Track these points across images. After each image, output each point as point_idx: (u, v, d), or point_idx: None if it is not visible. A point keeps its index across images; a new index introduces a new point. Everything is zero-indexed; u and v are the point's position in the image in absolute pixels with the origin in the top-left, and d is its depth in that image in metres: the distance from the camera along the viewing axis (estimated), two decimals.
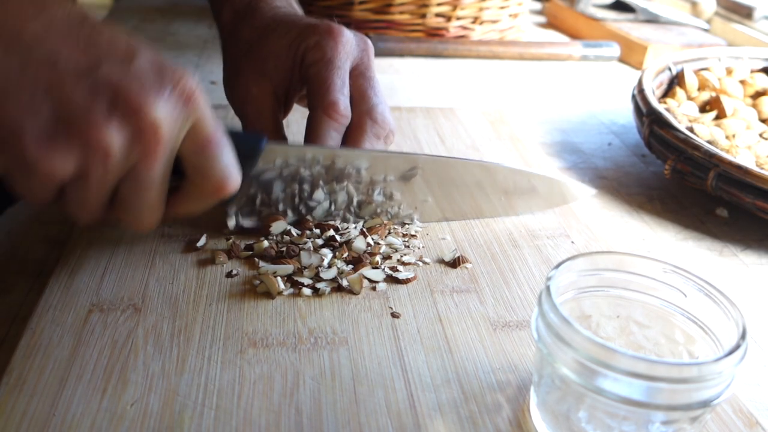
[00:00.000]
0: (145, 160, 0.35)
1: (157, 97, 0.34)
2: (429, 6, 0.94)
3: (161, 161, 0.36)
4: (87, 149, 0.33)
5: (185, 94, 0.35)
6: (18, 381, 0.34)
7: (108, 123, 0.33)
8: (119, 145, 0.34)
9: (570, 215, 0.54)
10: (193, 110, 0.36)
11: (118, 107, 0.33)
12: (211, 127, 0.37)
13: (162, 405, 0.34)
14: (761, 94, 0.72)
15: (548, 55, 0.99)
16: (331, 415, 0.34)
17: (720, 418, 0.35)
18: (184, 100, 0.35)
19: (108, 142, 0.33)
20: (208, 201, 0.40)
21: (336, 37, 0.48)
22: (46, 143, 0.33)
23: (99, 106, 0.33)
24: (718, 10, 1.11)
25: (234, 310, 0.41)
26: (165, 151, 0.35)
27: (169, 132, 0.35)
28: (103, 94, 0.33)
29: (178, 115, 0.35)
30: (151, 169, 0.35)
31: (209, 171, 0.38)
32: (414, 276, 0.45)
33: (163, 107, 0.34)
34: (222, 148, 0.38)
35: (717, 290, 0.33)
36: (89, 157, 0.33)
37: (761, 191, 0.52)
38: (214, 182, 0.38)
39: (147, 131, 0.34)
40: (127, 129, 0.34)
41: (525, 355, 0.39)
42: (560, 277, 0.33)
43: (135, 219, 0.38)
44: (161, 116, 0.34)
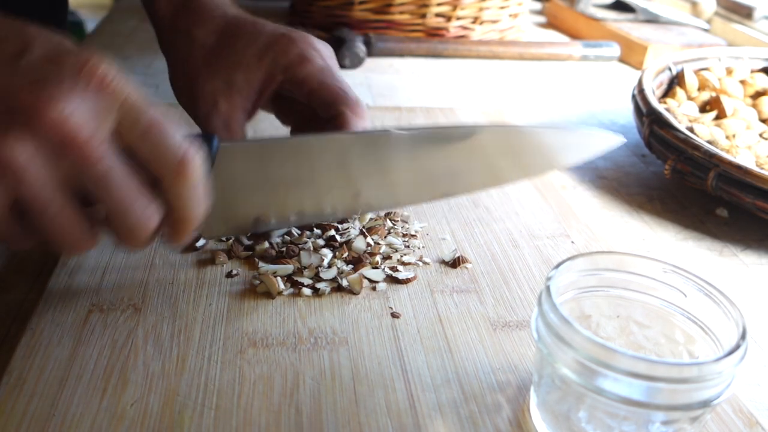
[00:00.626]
0: (78, 157, 0.30)
1: (54, 90, 0.29)
2: (429, 6, 0.94)
3: (96, 151, 0.30)
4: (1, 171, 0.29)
5: (96, 79, 0.30)
6: (18, 381, 0.34)
7: (4, 136, 0.28)
8: (29, 155, 0.29)
9: (570, 215, 0.54)
10: (113, 95, 0.31)
11: (11, 114, 0.29)
12: (145, 108, 0.32)
13: (162, 405, 0.34)
14: (761, 94, 0.72)
15: (548, 55, 0.99)
16: (331, 415, 0.34)
17: (720, 418, 0.35)
18: (96, 85, 0.30)
19: (11, 157, 0.28)
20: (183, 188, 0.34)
21: (314, 44, 0.48)
22: None
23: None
24: (718, 10, 1.11)
25: (234, 310, 0.41)
26: (94, 140, 0.30)
27: (83, 125, 0.30)
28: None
29: (92, 103, 0.30)
30: (91, 161, 0.30)
31: (163, 156, 0.33)
32: (414, 276, 0.45)
33: (63, 100, 0.29)
34: (164, 126, 0.32)
35: (717, 290, 0.33)
36: (4, 179, 0.29)
37: (761, 191, 0.52)
38: (173, 165, 0.33)
39: (52, 131, 0.29)
40: (30, 135, 0.29)
41: (525, 355, 0.39)
42: (560, 277, 0.33)
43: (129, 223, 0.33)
44: (64, 111, 0.29)
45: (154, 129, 0.32)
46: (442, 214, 0.52)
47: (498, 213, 0.53)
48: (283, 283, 0.43)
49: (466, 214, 0.53)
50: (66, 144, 0.30)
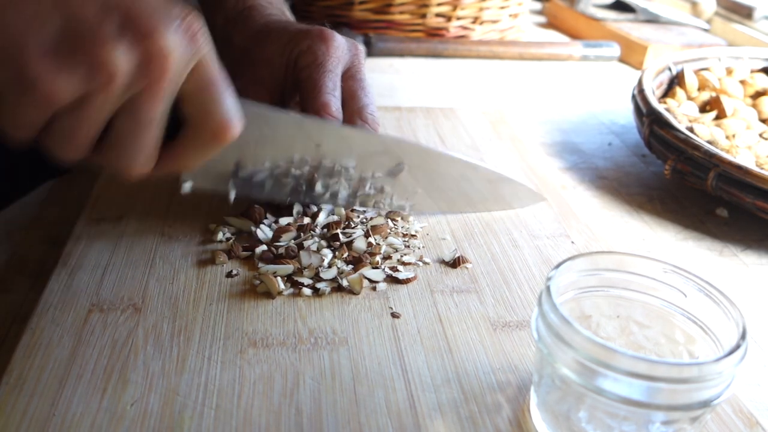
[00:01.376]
0: (149, 91, 0.33)
1: (167, 25, 0.33)
2: (429, 6, 0.94)
3: (165, 94, 0.34)
4: (92, 69, 0.31)
5: (191, 29, 0.34)
6: (18, 381, 0.34)
7: (117, 44, 0.31)
8: (126, 69, 0.32)
9: (570, 215, 0.54)
10: (199, 48, 0.34)
11: (128, 29, 0.32)
12: (216, 67, 0.36)
13: (162, 405, 0.34)
14: (761, 94, 0.72)
15: (548, 55, 0.99)
16: (331, 415, 0.34)
17: (720, 418, 0.35)
18: (191, 35, 0.34)
19: (115, 64, 0.31)
20: (208, 148, 0.38)
21: (327, 42, 0.49)
22: (50, 59, 0.31)
23: (109, 25, 0.31)
24: (718, 10, 1.11)
25: (234, 310, 0.41)
26: (170, 84, 0.34)
27: (177, 63, 0.33)
28: (114, 14, 0.31)
29: (185, 49, 0.34)
30: (155, 101, 0.34)
31: (213, 112, 0.36)
32: (414, 276, 0.45)
33: (173, 37, 0.33)
34: (226, 89, 0.37)
35: (717, 290, 0.33)
36: (93, 78, 0.31)
37: (761, 191, 0.52)
38: (217, 124, 0.36)
39: (156, 58, 0.32)
40: (136, 53, 0.32)
41: (525, 355, 0.39)
42: (560, 277, 0.33)
43: (126, 162, 0.36)
44: (171, 45, 0.33)
45: (214, 87, 0.36)
46: (442, 214, 0.52)
47: (498, 213, 0.53)
48: (283, 283, 0.43)
49: (466, 214, 0.53)
50: (156, 73, 0.33)
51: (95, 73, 0.31)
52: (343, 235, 0.47)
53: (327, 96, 0.47)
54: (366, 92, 0.50)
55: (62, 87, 0.31)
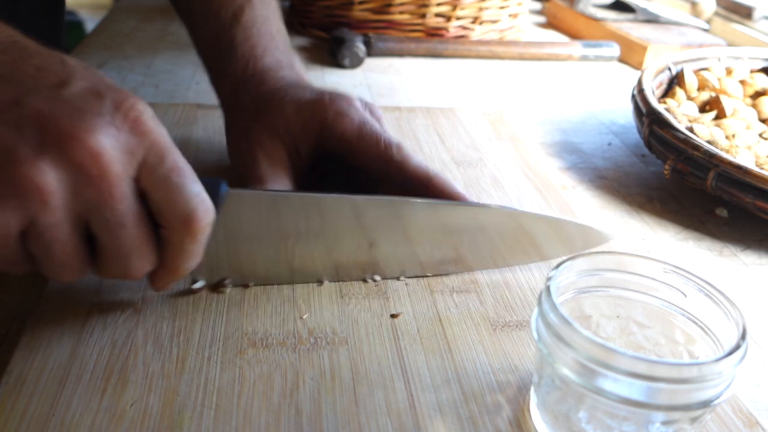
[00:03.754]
0: (99, 195, 0.31)
1: (92, 122, 0.30)
2: (429, 6, 0.94)
3: (119, 193, 0.31)
4: (20, 192, 0.29)
5: (131, 118, 0.31)
6: (18, 381, 0.34)
7: (38, 159, 0.29)
8: (57, 182, 0.29)
9: (570, 215, 0.53)
10: (144, 136, 0.31)
11: (48, 140, 0.29)
12: (170, 153, 0.32)
13: (162, 405, 0.34)
14: (761, 94, 0.72)
15: (548, 55, 0.99)
16: (331, 415, 0.34)
17: (720, 418, 0.35)
18: (130, 125, 0.31)
19: (41, 181, 0.29)
20: (187, 243, 0.34)
21: (353, 103, 0.48)
22: None
23: (25, 142, 0.29)
24: (718, 10, 1.11)
25: (234, 310, 0.41)
26: (118, 179, 0.31)
27: (115, 161, 0.30)
28: (29, 128, 0.29)
29: (124, 141, 0.31)
30: (112, 203, 0.31)
31: (177, 204, 0.33)
32: None
33: (102, 133, 0.30)
34: (186, 174, 0.33)
35: (717, 290, 0.33)
36: (28, 202, 0.29)
37: (761, 191, 0.52)
38: (184, 215, 0.33)
39: (86, 161, 0.30)
40: (62, 162, 0.29)
41: (525, 355, 0.39)
42: (560, 277, 0.33)
43: (122, 267, 0.34)
44: (101, 143, 0.30)
45: (174, 175, 0.32)
46: None
47: None
48: None
49: None
50: (94, 177, 0.30)
51: (24, 196, 0.29)
52: None
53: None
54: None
55: (3, 220, 0.29)
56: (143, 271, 0.35)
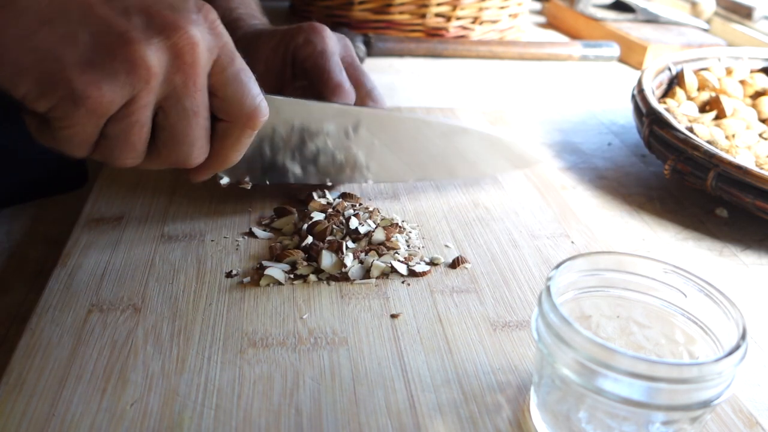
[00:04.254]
0: (186, 80, 0.35)
1: (188, 17, 0.35)
2: (429, 6, 0.94)
3: (200, 81, 0.36)
4: (130, 70, 0.33)
5: (210, 20, 0.36)
6: (18, 381, 0.34)
7: (147, 41, 0.33)
8: (161, 64, 0.34)
9: (570, 215, 0.54)
10: (219, 37, 0.36)
11: (153, 28, 0.34)
12: (237, 56, 0.38)
13: (162, 405, 0.34)
14: (761, 94, 0.72)
15: (548, 55, 0.99)
16: (331, 416, 0.34)
17: (720, 418, 0.35)
18: (209, 25, 0.36)
19: (150, 61, 0.33)
20: (243, 136, 0.40)
21: (321, 32, 0.52)
22: (90, 70, 0.32)
23: (135, 26, 0.33)
24: (717, 10, 1.11)
25: (234, 310, 0.41)
26: (203, 71, 0.36)
27: (204, 50, 0.35)
28: (136, 15, 0.34)
29: (207, 38, 0.36)
30: (193, 91, 0.36)
31: (242, 100, 0.38)
32: (429, 270, 0.45)
33: (197, 27, 0.35)
34: (251, 75, 0.39)
35: (717, 290, 0.33)
36: (134, 79, 0.33)
37: (761, 191, 0.52)
38: (247, 111, 0.38)
39: (186, 48, 0.34)
40: (166, 47, 0.34)
41: (525, 355, 0.39)
42: (560, 277, 0.33)
43: (183, 156, 0.38)
44: (197, 35, 0.35)
45: (240, 76, 0.38)
46: (442, 214, 0.52)
47: (497, 213, 0.53)
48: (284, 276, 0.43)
49: (465, 214, 0.53)
50: (187, 64, 0.35)
51: (134, 73, 0.33)
52: (360, 227, 0.47)
53: (338, 77, 0.50)
54: (367, 77, 0.54)
55: (108, 94, 0.33)
56: (200, 160, 0.39)
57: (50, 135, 0.35)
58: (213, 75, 0.37)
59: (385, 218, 0.50)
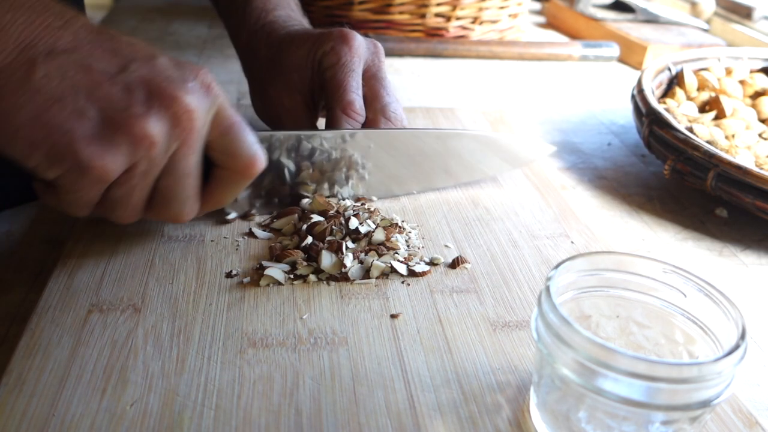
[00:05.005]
0: (184, 146, 0.38)
1: (184, 86, 0.37)
2: (429, 6, 0.94)
3: (197, 145, 0.38)
4: (134, 141, 0.36)
5: (205, 84, 0.38)
6: (18, 381, 0.34)
7: (148, 114, 0.36)
8: (161, 134, 0.36)
9: (570, 215, 0.54)
10: (215, 98, 0.39)
11: (154, 100, 0.36)
12: (232, 111, 0.40)
13: (162, 405, 0.34)
14: (761, 94, 0.72)
15: (548, 55, 0.99)
16: (331, 416, 0.34)
17: (720, 418, 0.35)
18: (205, 89, 0.38)
19: (151, 132, 0.36)
20: (239, 184, 0.42)
21: (349, 42, 0.52)
22: (96, 143, 0.35)
23: (137, 100, 0.36)
24: (717, 10, 1.11)
25: (234, 310, 0.41)
26: (199, 135, 0.38)
27: (201, 116, 0.38)
28: (138, 90, 0.36)
29: (204, 101, 0.38)
30: (189, 154, 0.38)
31: (238, 151, 0.41)
32: (429, 270, 0.45)
33: (191, 95, 0.37)
34: (245, 128, 0.41)
35: (717, 290, 0.33)
36: (136, 149, 0.36)
37: (761, 191, 0.52)
38: (244, 161, 0.41)
39: (183, 117, 0.37)
40: (165, 117, 0.36)
41: (525, 355, 0.39)
42: (560, 277, 0.33)
43: (176, 211, 0.41)
44: (193, 102, 0.37)
45: (234, 128, 0.40)
46: (442, 214, 0.52)
47: (497, 213, 0.53)
48: (284, 276, 0.43)
49: (465, 214, 0.53)
50: (185, 131, 0.37)
51: (137, 145, 0.36)
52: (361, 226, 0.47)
53: (351, 95, 0.50)
54: (387, 90, 0.53)
55: (111, 164, 0.36)
56: (191, 216, 0.42)
57: (56, 198, 0.38)
58: (211, 131, 0.39)
59: (385, 218, 0.50)
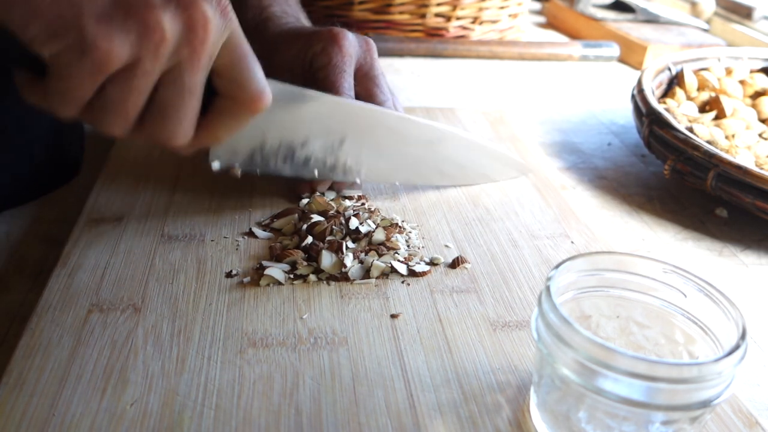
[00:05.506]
0: (191, 57, 0.36)
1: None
2: (429, 6, 0.94)
3: (205, 61, 0.36)
4: (143, 32, 0.34)
5: (222, 4, 0.36)
6: (18, 381, 0.34)
7: (165, 9, 0.34)
8: (173, 34, 0.34)
9: (570, 215, 0.54)
10: (230, 21, 0.37)
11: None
12: (245, 41, 0.38)
13: (162, 405, 0.34)
14: (761, 94, 0.72)
15: (548, 55, 0.99)
16: (331, 415, 0.34)
17: (720, 418, 0.35)
18: (222, 9, 0.36)
19: (164, 27, 0.34)
20: (241, 119, 0.40)
21: (339, 42, 0.51)
22: (104, 24, 0.33)
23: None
24: (717, 10, 1.11)
25: (234, 310, 0.41)
26: (209, 51, 0.36)
27: (215, 32, 0.36)
28: None
29: (221, 20, 0.36)
30: (195, 68, 0.36)
31: (247, 82, 0.39)
32: (429, 270, 0.45)
33: (211, 7, 0.35)
34: (256, 62, 0.39)
35: (717, 290, 0.33)
36: (145, 41, 0.34)
37: (761, 191, 0.52)
38: (252, 94, 0.39)
39: (198, 24, 0.35)
40: (181, 19, 0.34)
41: (525, 355, 0.39)
42: (560, 277, 0.33)
43: (169, 133, 0.38)
44: (211, 14, 0.35)
45: (246, 60, 0.38)
46: (442, 214, 0.52)
47: (498, 213, 0.53)
48: (284, 276, 0.43)
49: (465, 214, 0.53)
50: (197, 40, 0.35)
51: (146, 35, 0.34)
52: (362, 226, 0.47)
53: (344, 96, 0.49)
54: (381, 89, 0.53)
55: (117, 49, 0.33)
56: (184, 140, 0.39)
57: (42, 90, 0.35)
58: (220, 56, 0.37)
59: (385, 218, 0.50)
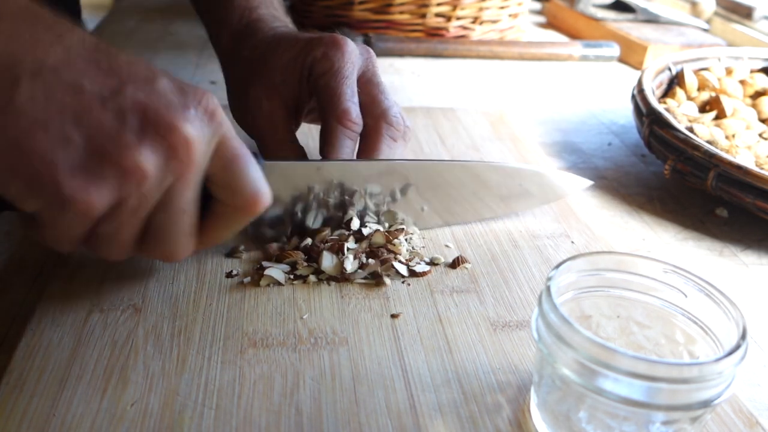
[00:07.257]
0: (180, 181, 0.34)
1: (184, 114, 0.33)
2: (429, 6, 0.94)
3: (195, 180, 0.35)
4: (123, 175, 0.32)
5: (209, 111, 0.34)
6: (18, 381, 0.34)
7: (141, 144, 0.32)
8: (154, 167, 0.33)
9: (570, 215, 0.54)
10: (218, 126, 0.35)
11: (148, 127, 0.32)
12: (237, 142, 0.36)
13: (162, 405, 0.34)
14: (761, 94, 0.72)
15: (548, 55, 0.99)
16: (331, 416, 0.34)
17: (720, 418, 0.35)
18: (208, 117, 0.34)
19: (143, 164, 0.32)
20: (241, 220, 0.38)
21: (341, 48, 0.49)
22: (81, 174, 0.31)
23: (129, 128, 0.32)
24: (717, 10, 1.11)
25: (234, 310, 0.41)
26: (198, 169, 0.34)
27: (200, 148, 0.34)
28: (131, 116, 0.32)
29: (206, 131, 0.34)
30: (185, 189, 0.34)
31: (241, 186, 0.37)
32: (429, 270, 0.45)
33: (191, 124, 0.33)
34: (250, 162, 0.37)
35: (717, 290, 0.33)
36: (125, 183, 0.32)
37: (761, 191, 0.52)
38: (247, 197, 0.37)
39: (180, 148, 0.33)
40: (161, 148, 0.33)
41: (525, 355, 0.39)
42: (560, 277, 0.33)
43: (170, 250, 0.37)
44: (192, 132, 0.33)
45: (238, 162, 0.36)
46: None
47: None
48: (285, 276, 0.43)
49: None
50: (182, 164, 0.33)
51: (126, 178, 0.32)
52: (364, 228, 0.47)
53: (347, 104, 0.48)
54: (385, 95, 0.51)
55: (96, 199, 0.32)
56: (185, 255, 0.38)
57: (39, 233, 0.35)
58: (212, 161, 0.36)
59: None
